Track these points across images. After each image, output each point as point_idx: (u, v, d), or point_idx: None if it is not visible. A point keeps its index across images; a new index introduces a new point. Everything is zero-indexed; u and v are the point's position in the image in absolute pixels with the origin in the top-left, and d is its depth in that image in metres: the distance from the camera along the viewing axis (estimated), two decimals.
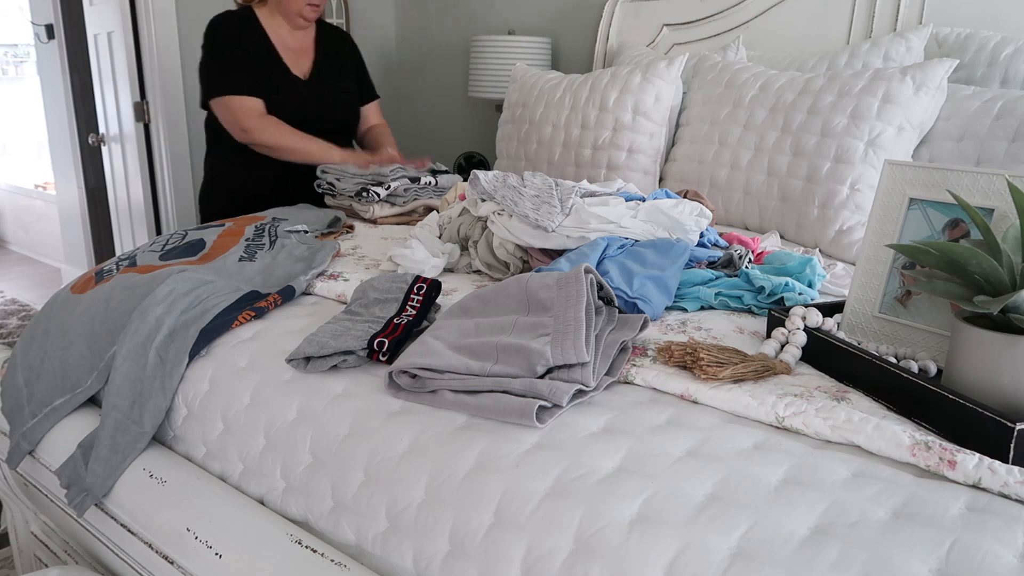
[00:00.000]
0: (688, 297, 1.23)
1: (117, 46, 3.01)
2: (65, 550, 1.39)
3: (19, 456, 1.29)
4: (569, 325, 0.93)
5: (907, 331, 1.00)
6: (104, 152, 3.38)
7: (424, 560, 0.83)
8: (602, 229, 1.32)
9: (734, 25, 2.40)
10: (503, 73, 2.75)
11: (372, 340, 1.05)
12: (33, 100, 5.43)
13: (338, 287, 1.34)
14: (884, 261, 1.03)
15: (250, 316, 1.23)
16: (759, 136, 1.81)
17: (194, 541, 1.00)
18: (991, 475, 0.72)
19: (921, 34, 1.92)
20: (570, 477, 0.79)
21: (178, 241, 1.56)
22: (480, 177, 1.50)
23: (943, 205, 0.98)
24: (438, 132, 3.57)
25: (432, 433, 0.90)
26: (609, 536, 0.72)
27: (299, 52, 2.19)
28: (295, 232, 1.62)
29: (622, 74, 2.09)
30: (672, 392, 0.93)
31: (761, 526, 0.69)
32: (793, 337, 1.02)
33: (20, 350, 1.40)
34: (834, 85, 1.73)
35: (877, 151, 1.62)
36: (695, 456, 0.79)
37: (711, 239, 1.40)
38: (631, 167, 2.03)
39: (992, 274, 0.81)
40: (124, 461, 1.12)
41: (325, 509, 0.95)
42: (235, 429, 1.08)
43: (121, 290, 1.32)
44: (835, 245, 1.64)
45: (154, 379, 1.16)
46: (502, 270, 1.41)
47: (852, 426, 0.81)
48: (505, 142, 2.36)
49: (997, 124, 1.61)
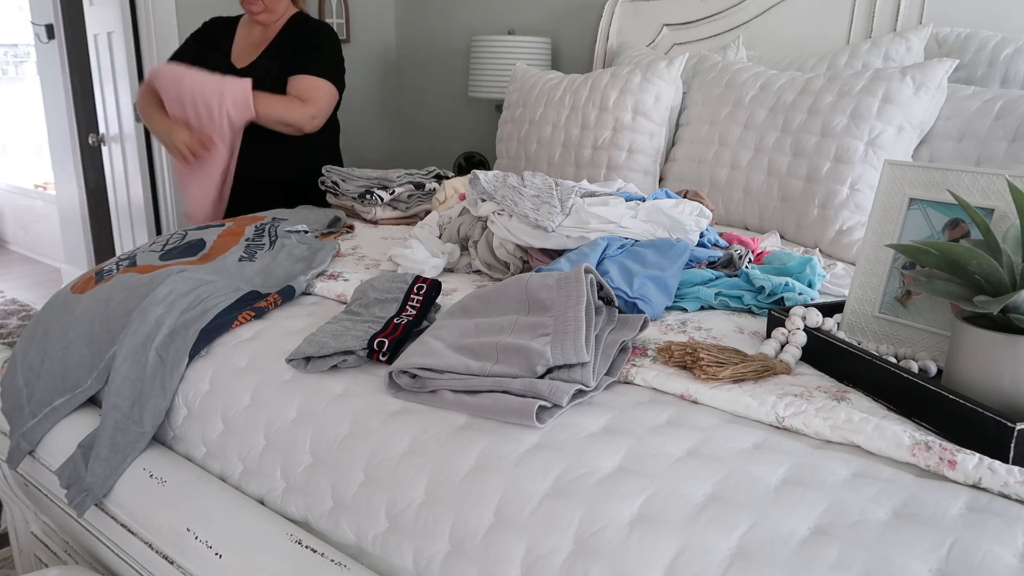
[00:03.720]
0: (688, 297, 1.23)
1: (117, 46, 3.01)
2: (65, 550, 1.39)
3: (19, 456, 1.29)
4: (569, 325, 0.93)
5: (907, 331, 1.00)
6: (104, 152, 3.38)
7: (424, 560, 0.83)
8: (602, 229, 1.32)
9: (734, 25, 2.40)
10: (503, 73, 2.75)
11: (372, 340, 1.05)
12: (33, 100, 5.43)
13: (338, 287, 1.34)
14: (884, 261, 1.03)
15: (250, 316, 1.23)
16: (759, 136, 1.81)
17: (194, 541, 1.00)
18: (991, 475, 0.72)
19: (921, 34, 1.92)
20: (570, 477, 0.79)
21: (178, 241, 1.56)
22: (480, 177, 1.50)
23: (943, 205, 0.98)
24: (438, 132, 3.57)
25: (432, 433, 0.90)
26: (609, 536, 0.72)
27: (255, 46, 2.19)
28: (295, 232, 1.62)
29: (622, 74, 2.09)
30: (672, 392, 0.93)
31: (761, 526, 0.69)
32: (793, 337, 1.02)
33: (20, 350, 1.40)
34: (834, 85, 1.73)
35: (877, 151, 1.62)
36: (695, 456, 0.79)
37: (711, 239, 1.40)
38: (631, 167, 2.03)
39: (992, 274, 0.81)
40: (124, 461, 1.12)
41: (325, 509, 0.95)
42: (235, 429, 1.08)
43: (121, 290, 1.32)
44: (835, 245, 1.64)
45: (154, 379, 1.16)
46: (502, 270, 1.41)
47: (852, 426, 0.81)
48: (505, 142, 2.36)
49: (997, 124, 1.61)
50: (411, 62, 3.61)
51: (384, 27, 3.60)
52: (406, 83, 3.67)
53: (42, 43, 3.94)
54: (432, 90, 3.55)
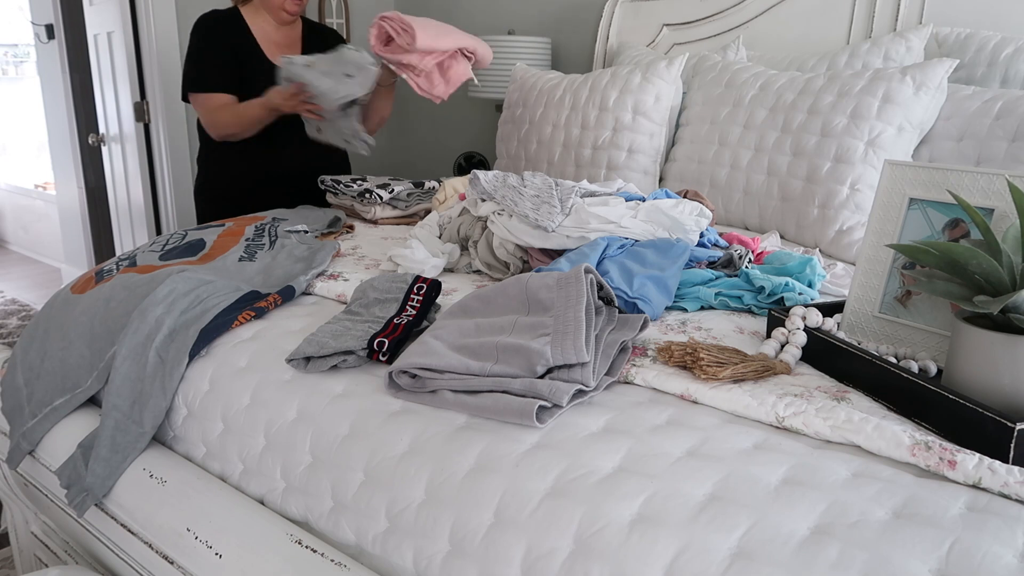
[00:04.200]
0: (688, 297, 1.23)
1: (117, 46, 3.00)
2: (65, 550, 1.39)
3: (19, 456, 1.29)
4: (569, 325, 0.93)
5: (907, 331, 1.00)
6: (104, 152, 3.38)
7: (424, 560, 0.83)
8: (602, 229, 1.32)
9: (734, 25, 2.40)
10: (503, 73, 2.75)
11: (372, 340, 1.05)
12: (33, 100, 5.42)
13: (338, 287, 1.34)
14: (884, 261, 1.03)
15: (250, 316, 1.23)
16: (759, 136, 1.81)
17: (194, 541, 1.00)
18: (991, 475, 0.72)
19: (921, 34, 1.92)
20: (570, 477, 0.79)
21: (178, 241, 1.56)
22: (480, 177, 1.50)
23: (943, 205, 0.98)
24: (438, 132, 3.57)
25: (432, 433, 0.90)
26: (609, 536, 0.72)
27: (284, 46, 2.20)
28: (295, 232, 1.62)
29: (622, 74, 2.09)
30: (672, 392, 0.93)
31: (761, 526, 0.69)
32: (793, 337, 1.02)
33: (20, 350, 1.40)
34: (834, 85, 1.73)
35: (877, 151, 1.62)
36: (695, 456, 0.79)
37: (711, 239, 1.40)
38: (631, 167, 2.03)
39: (992, 274, 0.81)
40: (124, 461, 1.12)
41: (325, 509, 0.95)
42: (235, 429, 1.08)
43: (121, 290, 1.32)
44: (835, 245, 1.64)
45: (154, 379, 1.16)
46: (502, 270, 1.41)
47: (852, 426, 0.81)
48: (505, 142, 2.36)
49: (997, 124, 1.61)
50: None
51: None
52: (406, 83, 3.66)
53: (42, 43, 3.95)
54: None
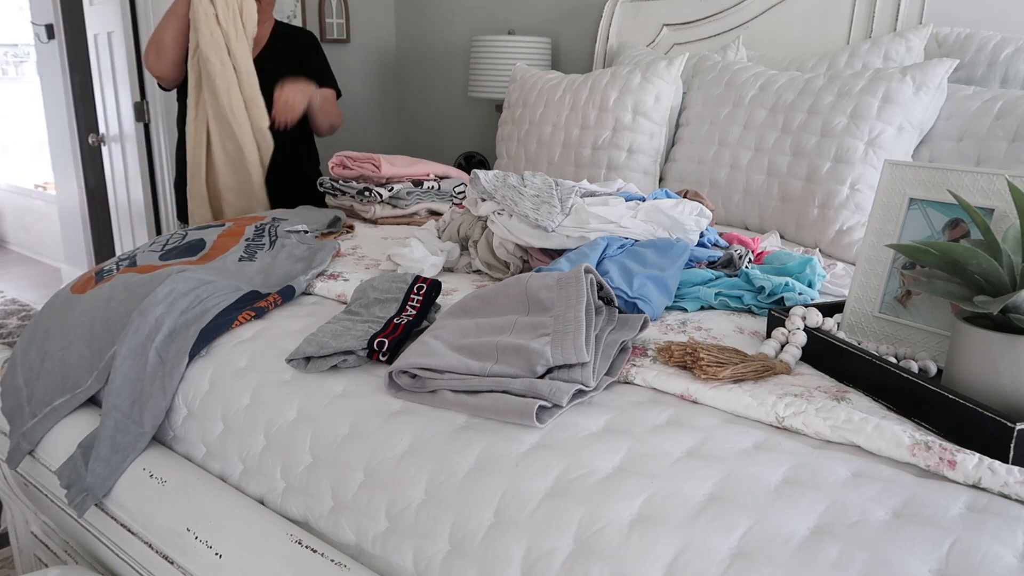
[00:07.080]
0: (688, 297, 1.23)
1: (117, 46, 3.00)
2: (65, 550, 1.39)
3: (19, 456, 1.29)
4: (569, 325, 0.93)
5: (907, 331, 1.00)
6: (104, 152, 3.38)
7: (424, 560, 0.83)
8: (602, 229, 1.32)
9: (734, 25, 2.40)
10: (503, 73, 2.75)
11: (372, 340, 1.05)
12: (33, 100, 5.42)
13: (338, 287, 1.34)
14: (884, 261, 1.03)
15: (250, 316, 1.23)
16: (759, 136, 1.81)
17: (194, 541, 1.00)
18: (991, 475, 0.72)
19: (921, 34, 1.92)
20: (570, 477, 0.79)
21: (178, 241, 1.56)
22: (480, 177, 1.50)
23: (943, 205, 0.98)
24: (438, 132, 3.57)
25: (432, 433, 0.90)
26: (609, 536, 0.72)
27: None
28: (295, 232, 1.62)
29: (622, 74, 2.09)
30: (672, 392, 0.93)
31: (761, 526, 0.69)
32: (793, 337, 1.02)
33: (20, 350, 1.40)
34: (834, 85, 1.73)
35: (877, 151, 1.62)
36: (695, 456, 0.79)
37: (711, 239, 1.40)
38: (631, 167, 2.03)
39: (992, 274, 0.81)
40: (124, 461, 1.12)
41: (325, 509, 0.95)
42: (235, 429, 1.08)
43: (121, 290, 1.32)
44: (835, 245, 1.64)
45: (154, 379, 1.16)
46: (502, 270, 1.41)
47: (852, 426, 0.80)
48: (505, 142, 2.36)
49: (997, 124, 1.61)
50: (411, 62, 3.61)
51: (384, 27, 3.60)
52: (406, 83, 3.67)
53: (42, 43, 3.94)
54: (432, 90, 3.55)
